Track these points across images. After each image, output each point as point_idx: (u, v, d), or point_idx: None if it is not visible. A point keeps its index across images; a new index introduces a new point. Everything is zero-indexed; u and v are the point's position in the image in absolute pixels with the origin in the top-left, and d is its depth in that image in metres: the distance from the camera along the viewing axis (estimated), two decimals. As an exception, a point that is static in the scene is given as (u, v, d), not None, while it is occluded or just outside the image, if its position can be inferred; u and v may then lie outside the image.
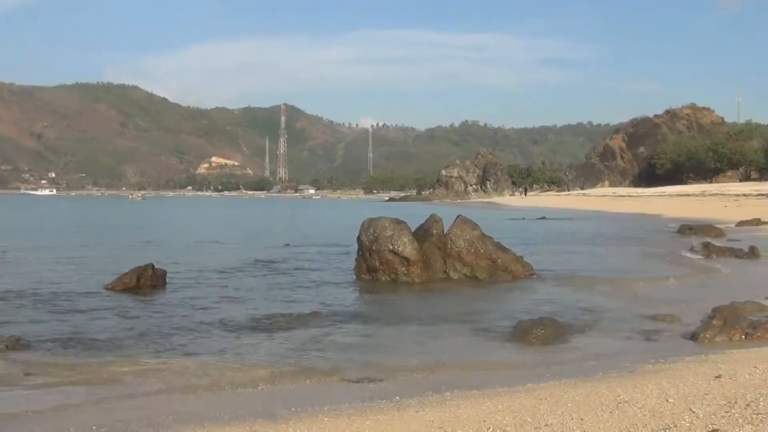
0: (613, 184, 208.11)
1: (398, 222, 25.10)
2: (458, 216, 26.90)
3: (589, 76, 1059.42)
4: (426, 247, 25.29)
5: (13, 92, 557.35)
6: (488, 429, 8.21)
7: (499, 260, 25.59)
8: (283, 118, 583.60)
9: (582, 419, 8.37)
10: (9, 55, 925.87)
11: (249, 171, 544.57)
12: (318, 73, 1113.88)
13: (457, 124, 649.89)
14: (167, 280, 23.55)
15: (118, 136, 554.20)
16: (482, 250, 25.63)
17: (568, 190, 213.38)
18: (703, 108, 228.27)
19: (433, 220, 26.10)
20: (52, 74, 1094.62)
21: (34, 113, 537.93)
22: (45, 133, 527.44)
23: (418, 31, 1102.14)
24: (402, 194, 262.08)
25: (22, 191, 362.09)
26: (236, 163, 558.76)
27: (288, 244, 41.47)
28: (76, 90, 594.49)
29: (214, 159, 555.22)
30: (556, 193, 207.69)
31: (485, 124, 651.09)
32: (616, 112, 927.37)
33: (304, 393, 10.98)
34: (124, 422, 9.34)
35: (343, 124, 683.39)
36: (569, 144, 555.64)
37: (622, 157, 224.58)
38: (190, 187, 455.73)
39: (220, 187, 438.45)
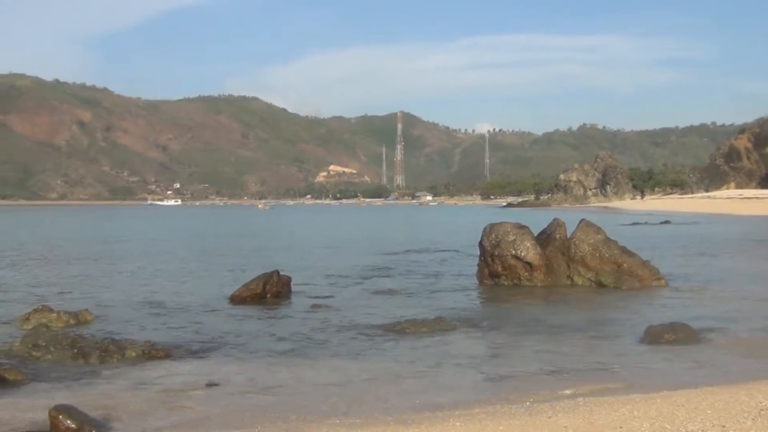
0: (739, 186, 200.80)
1: (521, 226, 24.86)
2: (582, 220, 26.41)
3: (710, 75, 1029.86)
4: (549, 251, 24.96)
5: (139, 106, 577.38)
6: (626, 436, 8.04)
7: (625, 264, 24.97)
8: (399, 126, 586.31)
9: (723, 426, 8.11)
10: (136, 71, 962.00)
11: (366, 178, 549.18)
12: (434, 80, 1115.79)
13: (575, 128, 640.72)
14: (292, 287, 23.88)
15: (240, 146, 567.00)
16: (607, 255, 25.07)
17: (692, 193, 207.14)
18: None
19: (556, 224, 25.71)
20: (177, 88, 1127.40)
21: (160, 126, 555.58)
22: (170, 145, 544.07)
23: (532, 35, 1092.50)
24: (520, 199, 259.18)
25: (148, 202, 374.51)
26: (354, 171, 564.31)
27: (408, 250, 41.61)
28: (199, 103, 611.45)
29: (332, 167, 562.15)
30: (680, 196, 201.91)
31: (604, 127, 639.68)
32: (740, 112, 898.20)
33: (433, 398, 10.96)
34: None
35: (460, 130, 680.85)
36: (692, 145, 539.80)
37: (748, 158, 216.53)
38: (309, 196, 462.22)
39: (338, 195, 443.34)
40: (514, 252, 24.29)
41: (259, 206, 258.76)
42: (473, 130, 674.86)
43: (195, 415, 10.32)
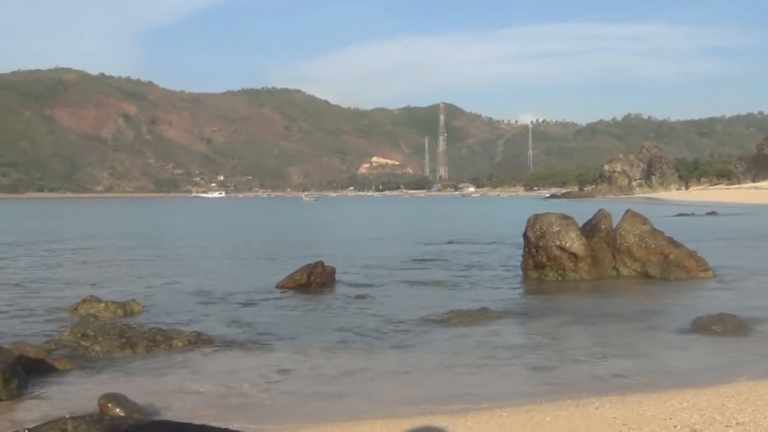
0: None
1: (565, 217, 24.66)
2: (627, 210, 26.15)
3: (757, 63, 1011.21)
4: (594, 242, 24.74)
5: (184, 100, 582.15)
6: (675, 427, 7.95)
7: (672, 255, 24.68)
8: (442, 117, 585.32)
9: (775, 418, 7.99)
10: (180, 64, 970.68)
11: (409, 170, 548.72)
12: (476, 71, 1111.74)
13: (619, 118, 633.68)
14: (336, 277, 23.96)
15: (283, 138, 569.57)
16: (653, 245, 24.80)
17: (739, 184, 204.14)
18: None
19: (602, 215, 25.49)
20: (220, 81, 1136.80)
21: (204, 119, 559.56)
22: (214, 138, 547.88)
23: (575, 24, 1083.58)
24: (563, 190, 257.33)
25: (193, 194, 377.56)
26: (396, 163, 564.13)
27: (452, 241, 41.53)
28: (243, 95, 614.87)
29: (374, 159, 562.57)
30: (726, 187, 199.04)
31: (649, 116, 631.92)
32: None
33: (479, 389, 10.93)
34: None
35: (503, 120, 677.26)
36: (738, 135, 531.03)
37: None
38: (351, 187, 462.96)
39: (380, 187, 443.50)
40: (558, 243, 24.10)
41: (304, 198, 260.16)
42: (516, 121, 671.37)
43: (242, 402, 10.40)
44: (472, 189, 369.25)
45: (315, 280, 22.81)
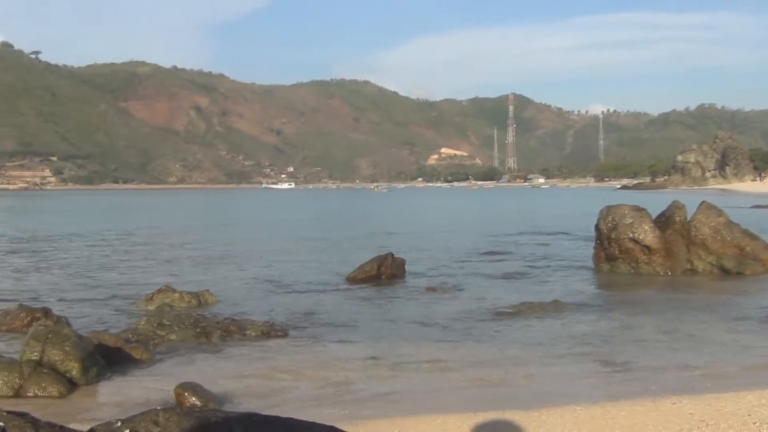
0: None
1: (638, 209, 24.31)
2: (702, 202, 25.64)
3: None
4: (668, 234, 24.32)
5: (254, 92, 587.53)
6: (754, 423, 7.81)
7: (748, 248, 24.15)
8: (511, 108, 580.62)
9: None
10: (250, 56, 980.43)
11: (478, 161, 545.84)
12: (546, 61, 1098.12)
13: (692, 108, 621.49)
14: (406, 269, 23.98)
15: (352, 130, 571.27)
16: (729, 238, 24.29)
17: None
18: None
19: (676, 206, 25.04)
20: (290, 73, 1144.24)
21: (274, 111, 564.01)
22: (284, 130, 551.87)
23: (648, 13, 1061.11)
24: (635, 182, 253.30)
25: (263, 185, 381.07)
26: (465, 154, 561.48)
27: (521, 233, 41.28)
28: (312, 87, 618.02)
29: (443, 150, 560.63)
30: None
31: (723, 106, 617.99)
32: None
33: (551, 383, 10.86)
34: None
35: (573, 111, 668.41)
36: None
37: None
38: (420, 179, 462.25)
39: (449, 178, 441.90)
40: (631, 235, 23.78)
41: (375, 189, 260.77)
42: (586, 111, 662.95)
43: (317, 394, 10.48)
44: (541, 180, 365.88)
45: (385, 272, 22.87)
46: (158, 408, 4.37)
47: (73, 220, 67.18)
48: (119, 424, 4.27)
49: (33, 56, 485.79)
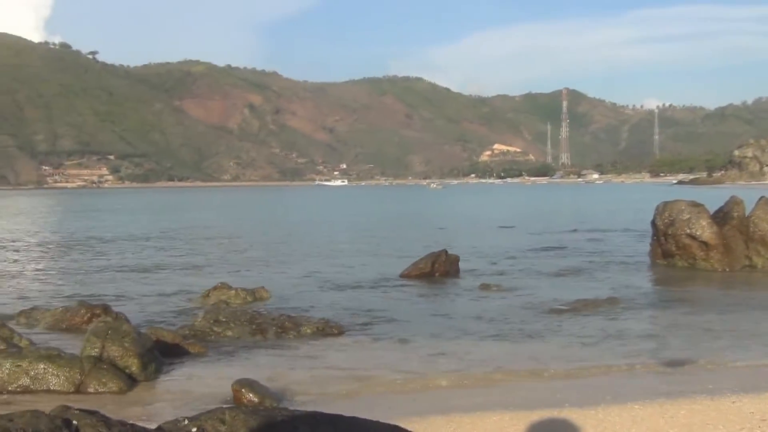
0: None
1: (695, 204, 23.97)
2: (761, 197, 25.19)
3: None
4: (726, 230, 23.94)
5: (307, 89, 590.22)
6: (821, 423, 7.67)
7: (809, 244, 23.70)
8: (564, 103, 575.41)
9: None
10: (303, 54, 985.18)
11: (531, 157, 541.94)
12: (600, 55, 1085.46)
13: (749, 102, 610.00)
14: (459, 266, 23.91)
15: (404, 127, 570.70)
16: (789, 234, 23.87)
17: None
18: None
19: (734, 202, 24.64)
20: (342, 70, 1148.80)
21: (327, 108, 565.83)
22: (336, 127, 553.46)
23: (703, 6, 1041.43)
24: (691, 177, 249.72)
25: (317, 182, 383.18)
26: (518, 150, 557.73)
27: (576, 229, 40.95)
28: (364, 84, 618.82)
29: (496, 146, 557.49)
30: None
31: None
32: None
33: (607, 379, 10.77)
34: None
35: (627, 106, 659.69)
36: None
37: None
38: (473, 175, 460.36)
39: (502, 174, 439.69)
40: (688, 231, 23.47)
41: (431, 186, 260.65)
42: (641, 106, 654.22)
43: (373, 392, 10.50)
44: (595, 176, 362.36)
45: (439, 269, 22.82)
46: (224, 406, 4.43)
47: (129, 218, 68.20)
48: (186, 422, 4.33)
49: (90, 56, 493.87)
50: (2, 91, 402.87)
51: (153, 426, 4.35)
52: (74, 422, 4.26)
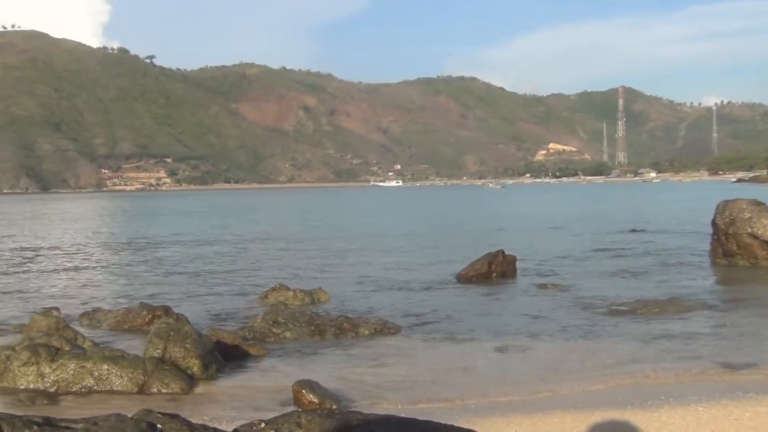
0: None
1: (757, 203, 23.61)
2: (826, 196, 24.76)
3: None
4: (789, 229, 23.54)
5: (361, 90, 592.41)
6: None
7: None
8: (620, 101, 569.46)
9: None
10: (357, 55, 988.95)
11: (586, 156, 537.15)
12: (656, 53, 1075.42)
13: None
14: (516, 266, 23.77)
15: (459, 127, 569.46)
16: None
17: None
18: None
19: (797, 200, 24.24)
20: (396, 71, 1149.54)
21: (381, 109, 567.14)
22: (391, 128, 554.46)
23: (758, 1, 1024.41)
24: (751, 175, 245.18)
25: (371, 183, 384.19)
26: (573, 149, 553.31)
27: (633, 229, 40.50)
28: (418, 84, 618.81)
29: (551, 145, 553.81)
30: None
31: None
32: None
33: (670, 381, 10.65)
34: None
35: (685, 103, 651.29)
36: None
37: None
38: (528, 174, 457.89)
39: (558, 174, 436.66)
40: (750, 230, 23.11)
41: (490, 185, 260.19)
42: (699, 103, 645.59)
43: (434, 394, 10.49)
44: (652, 174, 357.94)
45: (496, 269, 22.71)
46: (300, 410, 4.51)
47: (187, 220, 69.05)
48: (263, 425, 4.41)
49: (148, 61, 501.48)
50: (63, 96, 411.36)
51: (229, 429, 4.43)
52: (158, 426, 4.34)
